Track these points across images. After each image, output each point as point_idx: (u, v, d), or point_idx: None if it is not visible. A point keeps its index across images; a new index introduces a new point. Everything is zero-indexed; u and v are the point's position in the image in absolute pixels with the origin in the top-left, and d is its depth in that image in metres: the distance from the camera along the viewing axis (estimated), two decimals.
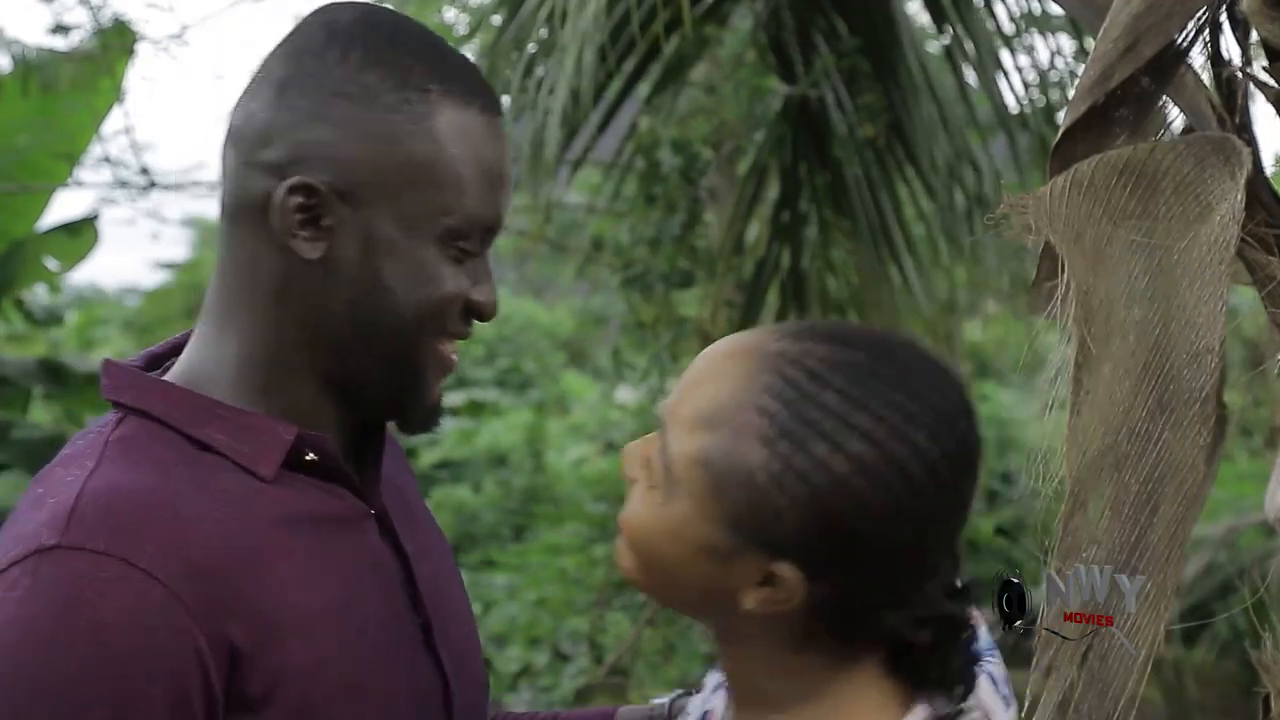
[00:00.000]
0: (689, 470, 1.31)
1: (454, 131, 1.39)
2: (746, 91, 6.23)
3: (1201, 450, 1.79)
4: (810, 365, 1.29)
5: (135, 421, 1.41)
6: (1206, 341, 1.80)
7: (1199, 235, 1.83)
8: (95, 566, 1.29)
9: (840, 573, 1.28)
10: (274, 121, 1.40)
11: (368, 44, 1.40)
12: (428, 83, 1.39)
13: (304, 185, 1.38)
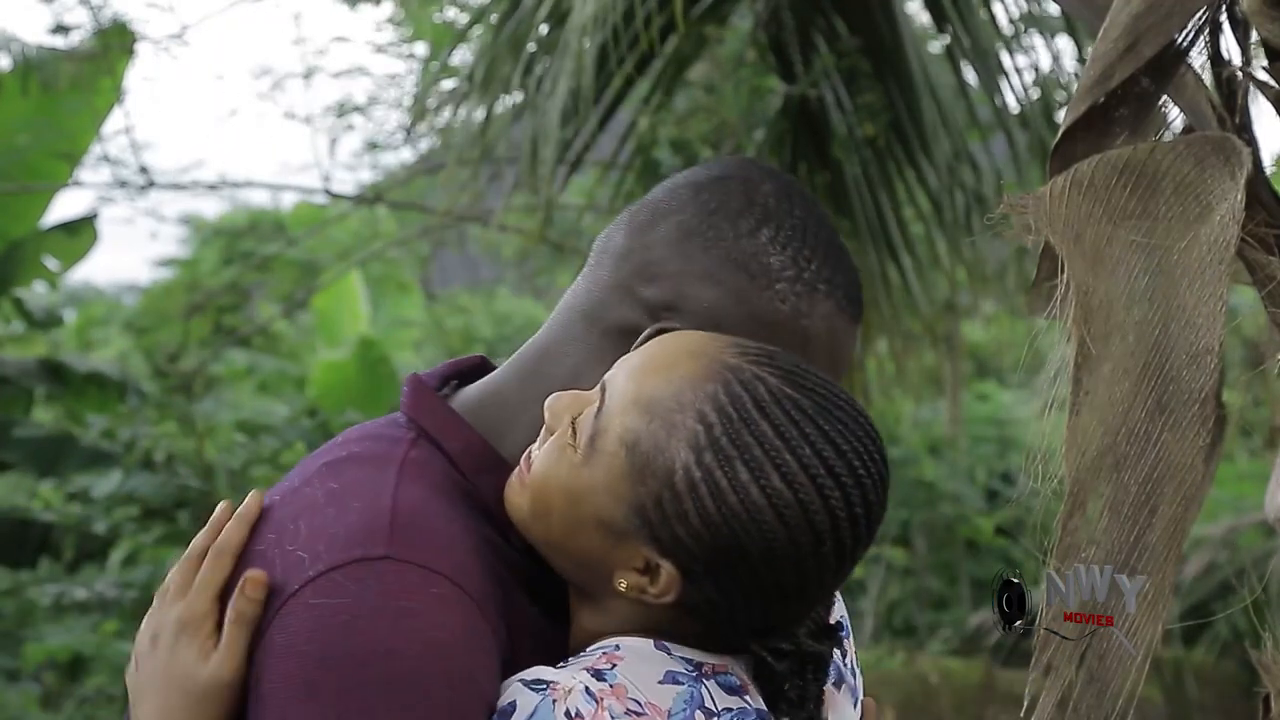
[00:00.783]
0: (614, 446, 1.35)
1: (824, 332, 1.46)
2: (746, 91, 6.23)
3: (1201, 451, 1.79)
4: (758, 391, 1.34)
5: (428, 449, 1.45)
6: (1206, 342, 1.80)
7: (1199, 235, 1.83)
8: (425, 582, 1.33)
9: (717, 590, 1.33)
10: (667, 264, 1.46)
11: (779, 225, 1.46)
12: (818, 280, 1.46)
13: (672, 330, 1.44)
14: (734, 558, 1.32)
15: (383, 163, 10.78)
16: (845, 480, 1.33)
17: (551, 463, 1.38)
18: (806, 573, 1.33)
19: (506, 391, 1.50)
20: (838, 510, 1.32)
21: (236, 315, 10.25)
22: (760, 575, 1.32)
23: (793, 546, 1.32)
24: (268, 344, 11.52)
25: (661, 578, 1.34)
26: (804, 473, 1.32)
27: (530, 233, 6.40)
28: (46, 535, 7.77)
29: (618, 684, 1.30)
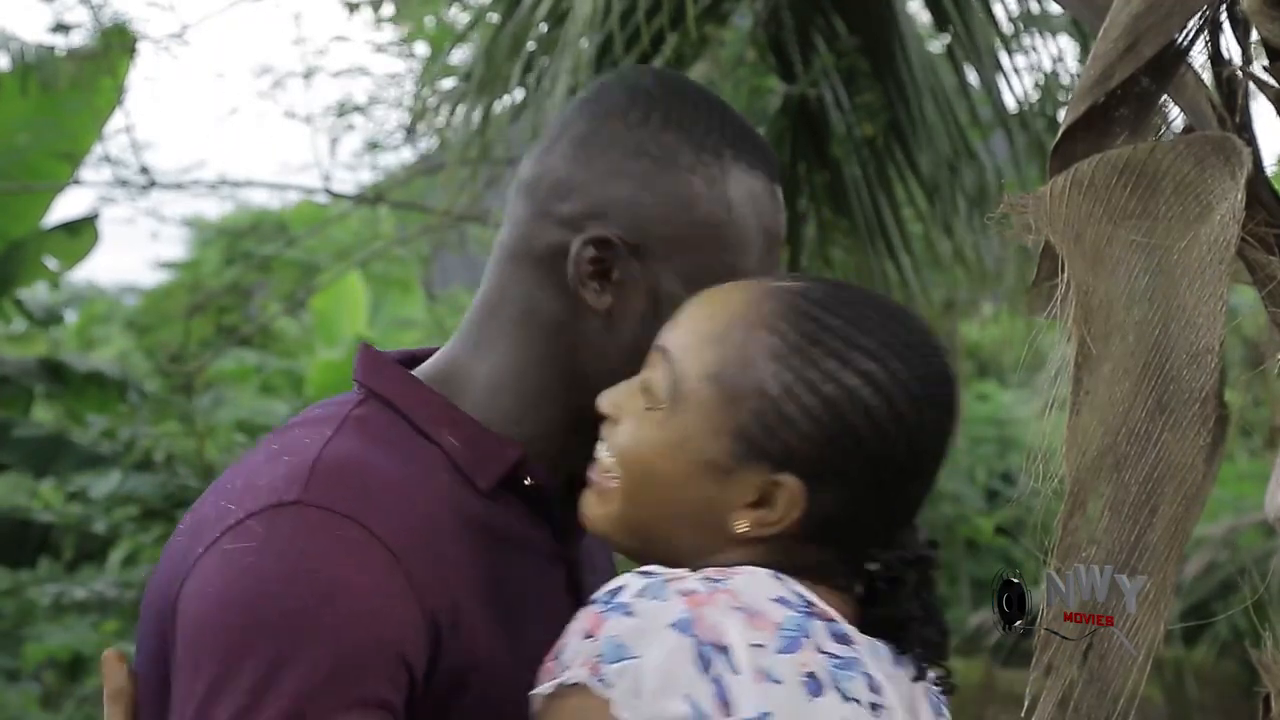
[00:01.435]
0: (698, 385, 1.37)
1: (744, 195, 1.46)
2: (745, 90, 6.23)
3: (1201, 450, 1.79)
4: (814, 295, 1.39)
5: (376, 406, 1.46)
6: (1206, 341, 1.80)
7: (1199, 235, 1.83)
8: (334, 525, 1.34)
9: (840, 489, 1.35)
10: (573, 176, 1.47)
11: (668, 106, 1.47)
12: (723, 147, 1.46)
13: (600, 239, 1.45)
14: (848, 445, 1.35)
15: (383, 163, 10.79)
16: (924, 350, 1.39)
17: (637, 433, 1.40)
18: (917, 446, 1.37)
19: (459, 351, 1.51)
20: (926, 377, 1.38)
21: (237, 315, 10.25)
22: (877, 457, 1.35)
23: (898, 419, 1.36)
24: (268, 343, 11.53)
25: (782, 496, 1.35)
26: (885, 348, 1.36)
27: None
28: (46, 535, 7.77)
29: (729, 588, 1.31)
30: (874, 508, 1.38)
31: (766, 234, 1.48)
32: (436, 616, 1.36)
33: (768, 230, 1.49)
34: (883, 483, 1.36)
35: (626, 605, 1.30)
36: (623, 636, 1.28)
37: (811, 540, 1.37)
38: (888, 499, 1.38)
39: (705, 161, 1.46)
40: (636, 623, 1.29)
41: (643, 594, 1.30)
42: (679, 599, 1.29)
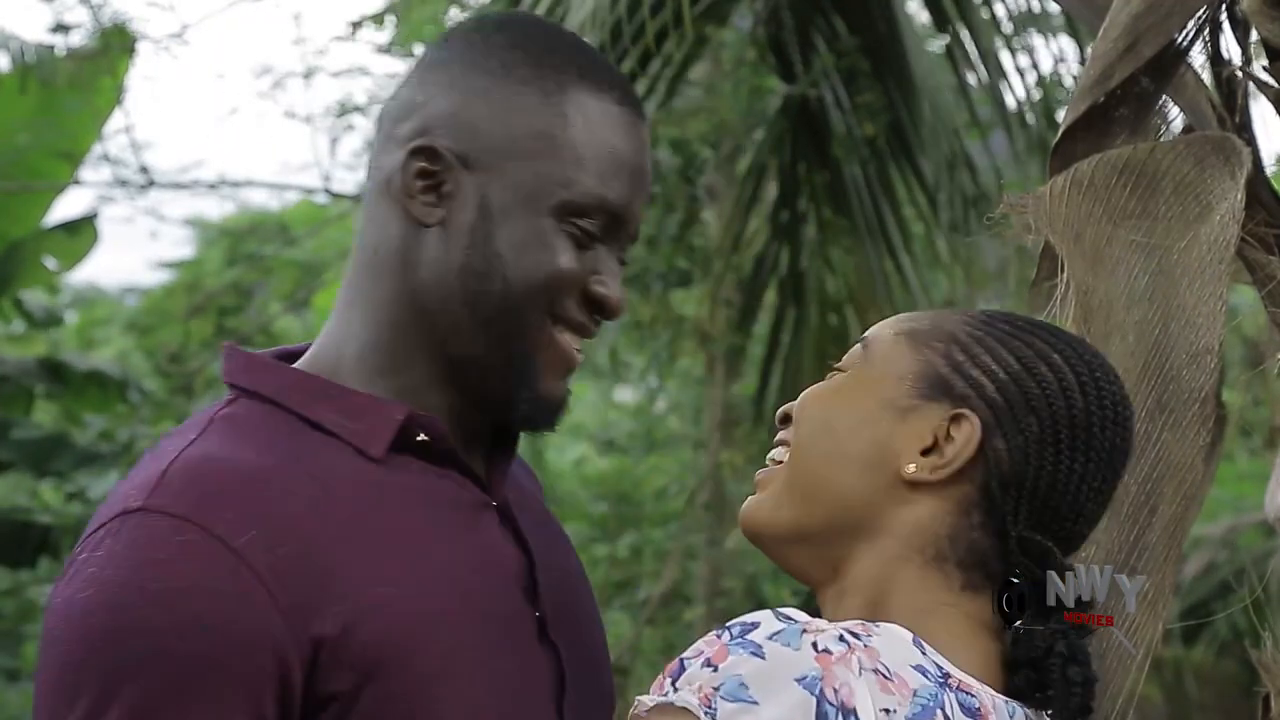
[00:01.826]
0: (889, 341, 1.40)
1: (583, 112, 1.43)
2: (746, 90, 6.24)
3: (1200, 450, 1.79)
4: (986, 317, 1.42)
5: (247, 402, 1.43)
6: (1206, 342, 1.80)
7: (1199, 235, 1.83)
8: (173, 530, 1.31)
9: (1015, 437, 1.35)
10: (414, 98, 1.45)
11: (515, 30, 1.46)
12: (566, 67, 1.43)
13: (426, 149, 1.42)
14: (1032, 393, 1.36)
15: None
16: (1104, 368, 1.41)
17: (819, 387, 1.42)
18: (1095, 421, 1.37)
19: (331, 326, 1.47)
20: (1105, 381, 1.40)
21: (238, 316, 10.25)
22: (1057, 415, 1.36)
23: (1079, 384, 1.37)
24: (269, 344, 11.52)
25: (959, 432, 1.35)
26: (1071, 349, 1.40)
27: None
28: (46, 535, 7.77)
29: (870, 647, 1.27)
30: (1048, 477, 1.35)
31: (613, 157, 1.43)
32: (309, 605, 1.32)
33: (615, 154, 1.43)
34: (1060, 448, 1.36)
35: (758, 645, 1.25)
36: (746, 677, 1.23)
37: (980, 514, 1.34)
38: (1061, 471, 1.36)
39: (543, 75, 1.43)
40: (763, 666, 1.24)
41: (776, 638, 1.25)
42: (811, 652, 1.25)
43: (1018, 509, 1.34)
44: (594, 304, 1.45)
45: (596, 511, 8.50)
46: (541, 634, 1.46)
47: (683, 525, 7.32)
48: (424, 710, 1.35)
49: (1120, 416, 1.40)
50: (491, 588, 1.43)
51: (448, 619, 1.38)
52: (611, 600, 7.49)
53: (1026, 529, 1.34)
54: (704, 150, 6.37)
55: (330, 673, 1.33)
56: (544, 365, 1.45)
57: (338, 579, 1.34)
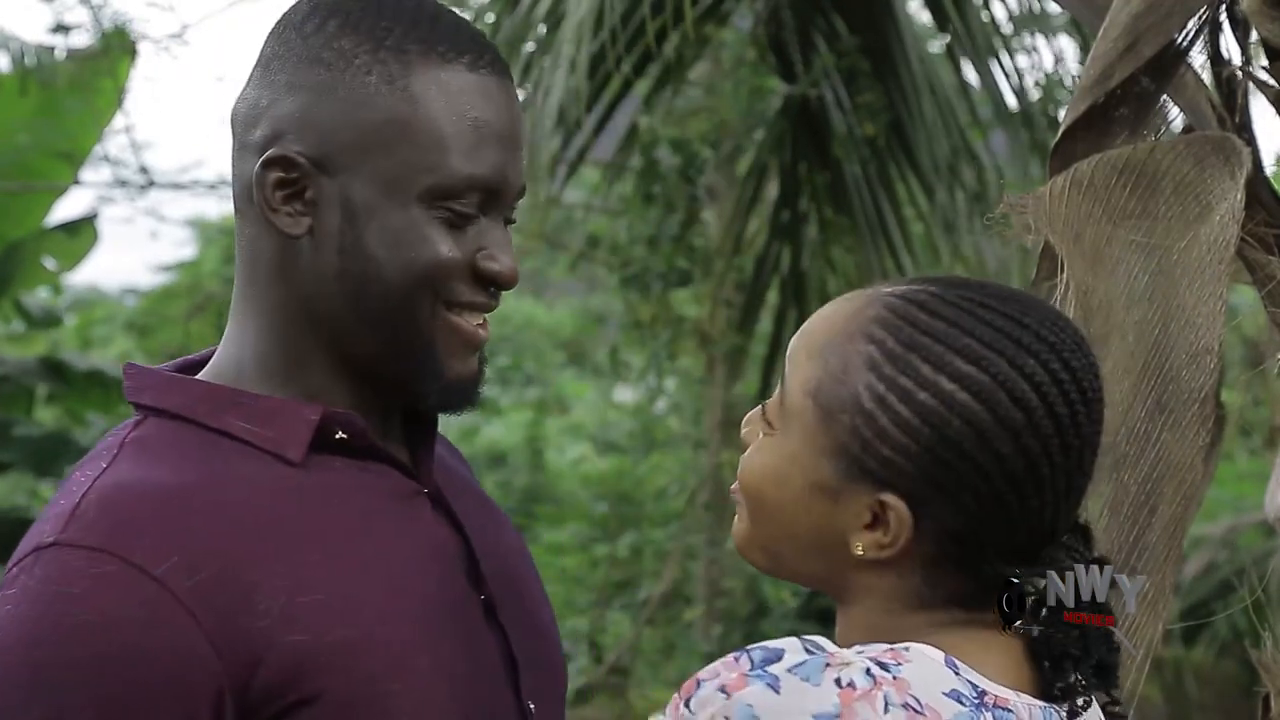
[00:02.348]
0: (800, 401, 1.31)
1: (434, 89, 1.36)
2: (746, 91, 6.24)
3: (1200, 450, 1.79)
4: (920, 298, 1.29)
5: (155, 421, 1.39)
6: (1206, 342, 1.80)
7: (1199, 235, 1.83)
8: (88, 563, 1.27)
9: (949, 508, 1.26)
10: (257, 102, 1.38)
11: (347, 12, 1.37)
12: (406, 44, 1.36)
13: (280, 158, 1.36)
14: (949, 457, 1.25)
15: None
16: (1036, 347, 1.26)
17: (755, 456, 1.34)
18: (1030, 452, 1.25)
19: (229, 333, 1.44)
20: (1035, 375, 1.26)
21: None
22: (983, 469, 1.25)
23: (1002, 425, 1.25)
24: None
25: (890, 519, 1.27)
26: (989, 349, 1.26)
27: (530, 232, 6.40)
28: None
29: (900, 678, 1.22)
30: (999, 525, 1.27)
31: (474, 129, 1.37)
32: (237, 626, 1.28)
33: (476, 125, 1.37)
34: (999, 496, 1.26)
35: (775, 678, 1.21)
36: (758, 709, 1.20)
37: (937, 562, 1.28)
38: (1012, 513, 1.27)
39: (384, 59, 1.35)
40: (777, 701, 1.20)
41: (797, 670, 1.22)
42: (834, 689, 1.21)
43: (982, 553, 1.28)
44: (485, 280, 1.40)
45: (598, 511, 8.50)
46: (489, 616, 1.44)
47: (683, 525, 7.32)
48: (378, 707, 1.33)
49: (1067, 411, 1.27)
50: (432, 575, 1.41)
51: (389, 613, 1.36)
52: (612, 600, 7.49)
53: (1001, 565, 1.28)
54: (705, 150, 6.37)
55: (272, 688, 1.30)
56: (445, 351, 1.40)
57: (264, 594, 1.31)
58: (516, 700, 1.44)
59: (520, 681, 1.45)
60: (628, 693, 7.04)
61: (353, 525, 1.38)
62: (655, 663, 7.30)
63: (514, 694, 1.44)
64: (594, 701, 7.20)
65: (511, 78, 1.42)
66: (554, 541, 8.94)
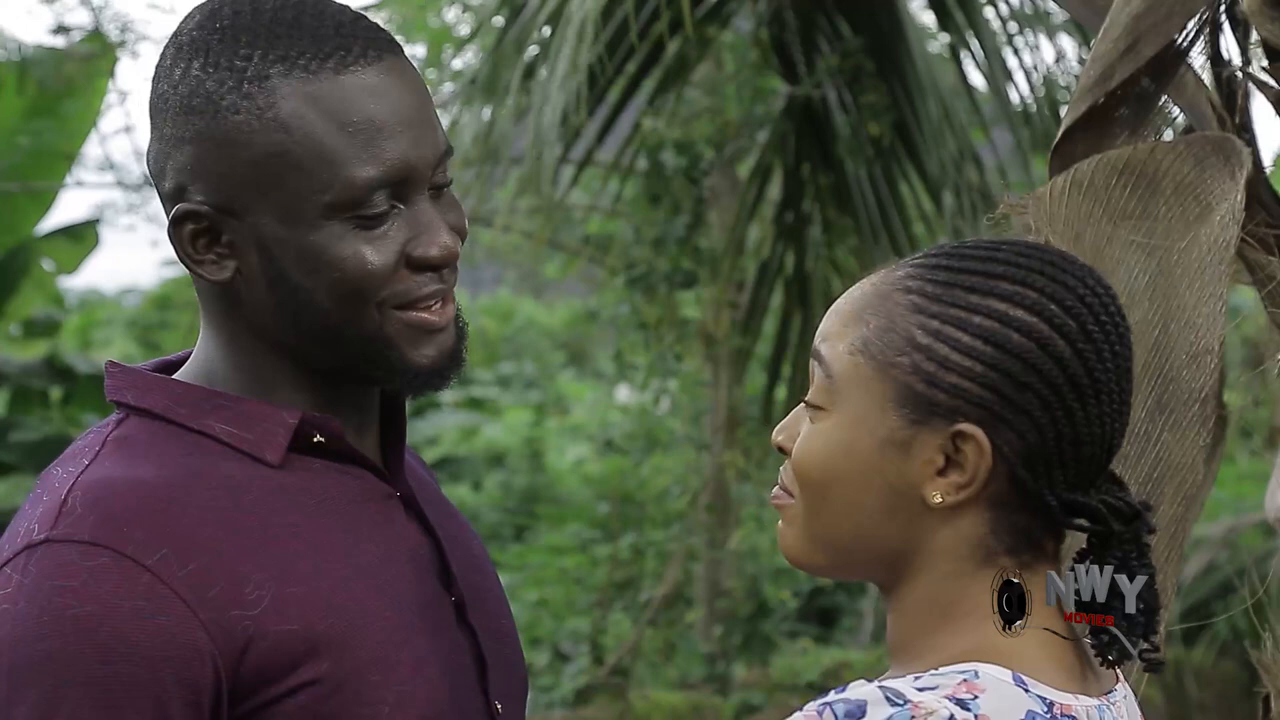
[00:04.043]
0: (850, 365, 1.31)
1: (304, 108, 1.34)
2: (749, 92, 6.24)
3: (1201, 451, 1.79)
4: (943, 251, 1.33)
5: (136, 420, 1.41)
6: (1206, 342, 1.80)
7: (1199, 235, 1.83)
8: (82, 556, 1.30)
9: (1019, 420, 1.28)
10: (158, 154, 1.40)
11: (208, 48, 1.36)
12: (266, 69, 1.35)
13: (189, 213, 1.38)
14: (1015, 369, 1.27)
15: None
16: (1068, 268, 1.31)
17: (806, 444, 1.33)
18: (1086, 357, 1.28)
19: (206, 337, 1.45)
20: (1079, 290, 1.30)
21: None
22: (1048, 377, 1.27)
23: (1059, 333, 1.28)
24: None
25: (968, 449, 1.28)
26: (1029, 272, 1.29)
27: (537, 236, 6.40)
28: None
29: (981, 715, 1.23)
30: (1067, 438, 1.29)
31: (358, 130, 1.34)
32: (228, 615, 1.31)
33: (359, 126, 1.35)
34: (1065, 404, 1.28)
35: None
36: None
37: (1013, 498, 1.29)
38: (1078, 423, 1.29)
39: (249, 93, 1.34)
40: None
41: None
42: None
43: (1051, 478, 1.30)
44: (422, 267, 1.39)
45: (600, 512, 8.50)
46: (460, 617, 1.47)
47: (685, 527, 7.32)
48: (363, 697, 1.36)
49: (1110, 324, 1.31)
50: (408, 576, 1.43)
51: (371, 608, 1.38)
52: (613, 601, 7.49)
53: (1066, 491, 1.30)
54: (709, 151, 6.38)
55: (263, 676, 1.33)
56: (408, 347, 1.41)
57: (253, 584, 1.33)
58: (485, 699, 1.47)
59: (488, 681, 1.48)
60: (628, 694, 7.04)
61: (333, 523, 1.41)
62: (656, 664, 7.30)
63: (483, 693, 1.47)
64: (595, 702, 7.20)
65: (395, 49, 1.40)
66: (554, 542, 8.94)
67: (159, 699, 1.29)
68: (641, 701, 6.94)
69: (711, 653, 7.24)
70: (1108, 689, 1.35)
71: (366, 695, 1.36)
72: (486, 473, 11.98)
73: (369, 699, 1.36)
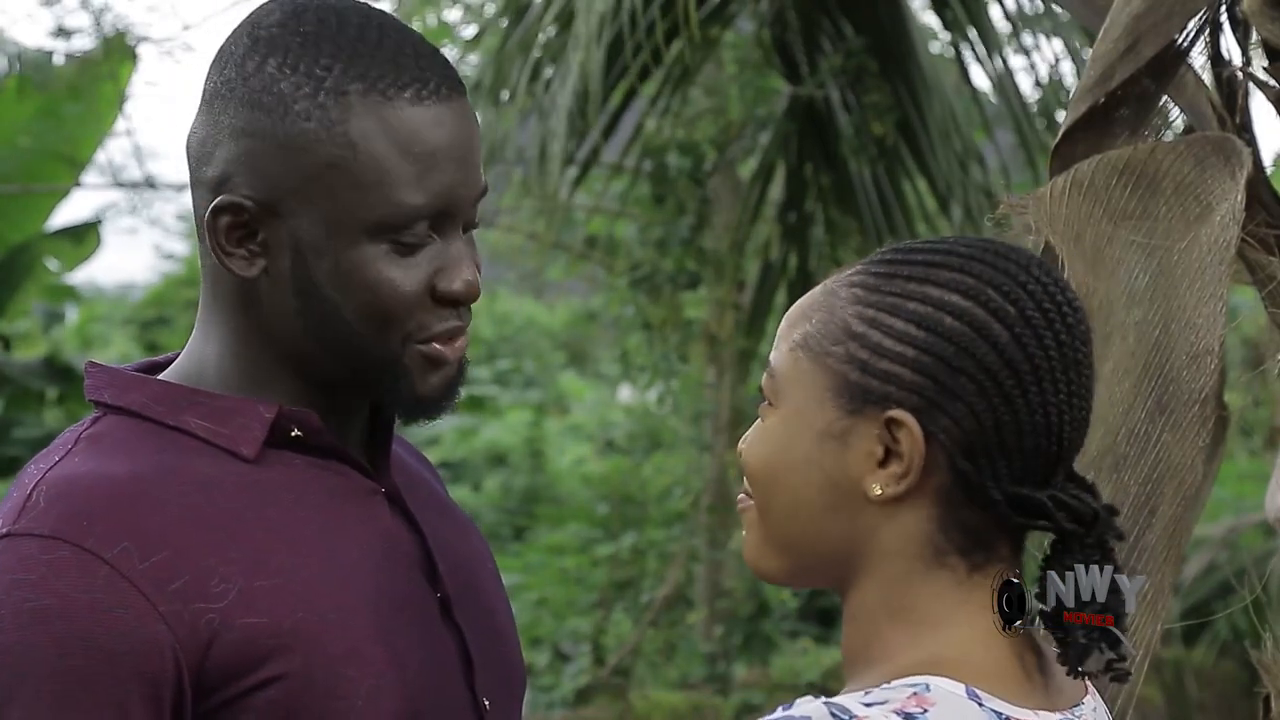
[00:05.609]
0: (790, 361, 1.31)
1: (373, 129, 1.37)
2: (752, 93, 6.24)
3: (1201, 451, 1.79)
4: (890, 254, 1.32)
5: (113, 418, 1.42)
6: (1206, 342, 1.80)
7: (1199, 236, 1.83)
8: (42, 550, 1.30)
9: (954, 407, 1.25)
10: (207, 138, 1.40)
11: (287, 49, 1.38)
12: (345, 84, 1.37)
13: (231, 204, 1.39)
14: (947, 354, 1.25)
15: None
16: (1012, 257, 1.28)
17: (756, 436, 1.33)
18: (1025, 341, 1.25)
19: (194, 337, 1.47)
20: (1020, 277, 1.27)
21: None
22: (983, 362, 1.25)
23: (995, 317, 1.25)
24: None
25: (902, 440, 1.25)
26: (970, 260, 1.27)
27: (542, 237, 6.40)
28: None
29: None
30: (1008, 427, 1.25)
31: (416, 158, 1.37)
32: (191, 609, 1.32)
33: (420, 156, 1.37)
34: (1003, 391, 1.25)
35: None
36: None
37: (958, 493, 1.26)
38: (1018, 411, 1.25)
39: (323, 104, 1.36)
40: None
41: None
42: None
43: (995, 470, 1.26)
44: (445, 301, 1.42)
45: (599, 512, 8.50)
46: (445, 614, 1.47)
47: (686, 528, 7.32)
48: (334, 692, 1.36)
49: (1054, 312, 1.27)
50: (387, 570, 1.43)
51: (344, 603, 1.38)
52: (613, 601, 7.49)
53: (1011, 485, 1.26)
54: (712, 152, 6.39)
55: (229, 669, 1.33)
56: (418, 377, 1.43)
57: (220, 577, 1.34)
58: (472, 696, 1.47)
59: (475, 679, 1.48)
60: (628, 694, 7.04)
61: (309, 519, 1.41)
62: (656, 664, 7.30)
63: (469, 690, 1.47)
64: (595, 702, 7.20)
65: (462, 90, 1.43)
66: (554, 542, 8.94)
67: (116, 692, 1.30)
68: (642, 701, 6.94)
69: (712, 653, 7.25)
70: (1074, 702, 1.32)
71: (340, 689, 1.36)
72: (487, 473, 11.99)
73: (342, 693, 1.36)
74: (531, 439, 11.62)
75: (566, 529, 9.05)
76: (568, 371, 15.33)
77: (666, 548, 7.42)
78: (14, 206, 7.96)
